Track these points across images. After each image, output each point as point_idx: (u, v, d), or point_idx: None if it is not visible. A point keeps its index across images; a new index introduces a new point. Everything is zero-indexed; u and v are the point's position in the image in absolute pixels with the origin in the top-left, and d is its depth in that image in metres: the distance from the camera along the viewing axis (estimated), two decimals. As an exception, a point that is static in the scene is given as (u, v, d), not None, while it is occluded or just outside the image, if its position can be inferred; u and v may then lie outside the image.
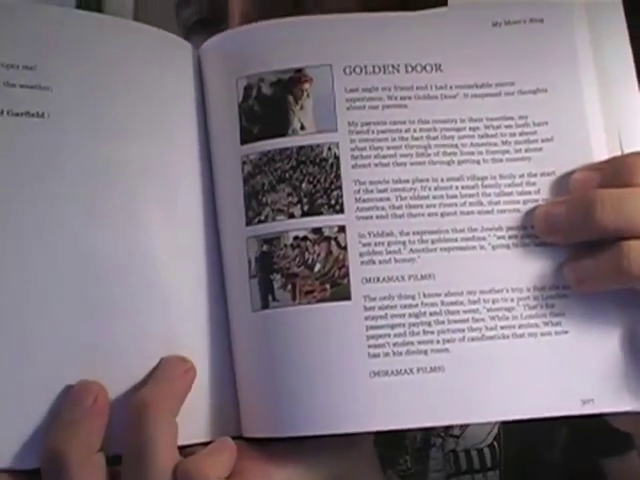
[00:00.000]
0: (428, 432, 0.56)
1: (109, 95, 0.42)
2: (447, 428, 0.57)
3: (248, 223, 0.41)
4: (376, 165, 0.41)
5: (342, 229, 0.41)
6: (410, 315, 0.40)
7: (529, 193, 0.41)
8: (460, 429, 0.57)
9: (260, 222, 0.41)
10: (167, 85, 0.44)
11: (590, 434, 0.54)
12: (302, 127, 0.41)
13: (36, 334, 0.38)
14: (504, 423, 0.56)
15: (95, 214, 0.40)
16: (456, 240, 0.41)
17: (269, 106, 0.42)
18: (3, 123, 0.40)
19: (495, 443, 0.57)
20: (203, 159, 0.44)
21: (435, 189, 0.41)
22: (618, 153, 0.42)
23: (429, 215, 0.41)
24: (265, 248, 0.41)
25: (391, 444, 0.56)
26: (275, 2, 0.50)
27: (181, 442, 0.39)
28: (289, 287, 0.40)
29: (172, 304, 0.41)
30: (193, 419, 0.40)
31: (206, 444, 0.40)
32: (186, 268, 0.42)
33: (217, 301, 0.43)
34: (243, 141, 0.42)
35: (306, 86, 0.42)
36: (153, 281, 0.41)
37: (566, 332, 0.40)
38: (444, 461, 0.57)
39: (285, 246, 0.41)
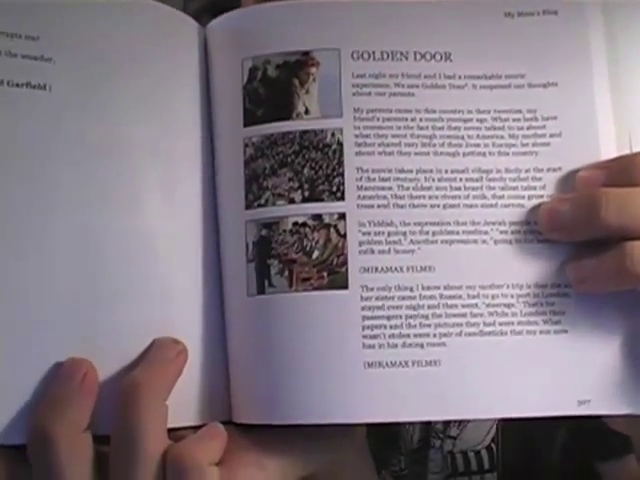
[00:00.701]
0: (426, 433, 0.56)
1: (112, 71, 0.41)
2: (445, 429, 0.57)
3: (248, 207, 0.41)
4: (380, 153, 0.40)
5: (342, 217, 0.40)
6: (407, 307, 0.39)
7: (534, 188, 0.41)
8: (458, 429, 0.57)
9: (260, 206, 0.41)
10: (172, 63, 0.43)
11: (588, 437, 0.54)
12: (307, 111, 0.41)
13: (27, 311, 0.38)
14: (502, 421, 0.56)
15: (93, 192, 0.40)
16: (458, 233, 0.40)
17: (274, 88, 0.41)
18: (4, 93, 0.39)
19: (493, 445, 0.56)
20: (205, 140, 0.43)
21: (439, 180, 0.40)
22: (627, 152, 0.41)
23: (431, 206, 0.40)
24: (264, 233, 0.40)
25: (385, 444, 0.56)
26: None
27: (170, 425, 0.38)
28: (286, 273, 0.40)
29: (167, 285, 0.41)
30: (183, 402, 0.40)
31: (195, 427, 0.40)
32: (183, 250, 0.42)
33: (213, 284, 0.42)
34: (246, 123, 0.41)
35: (312, 70, 0.41)
36: (149, 262, 0.40)
37: (565, 331, 0.40)
38: (443, 462, 0.56)
39: (284, 231, 0.40)
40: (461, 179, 0.41)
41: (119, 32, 0.42)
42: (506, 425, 0.56)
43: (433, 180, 0.40)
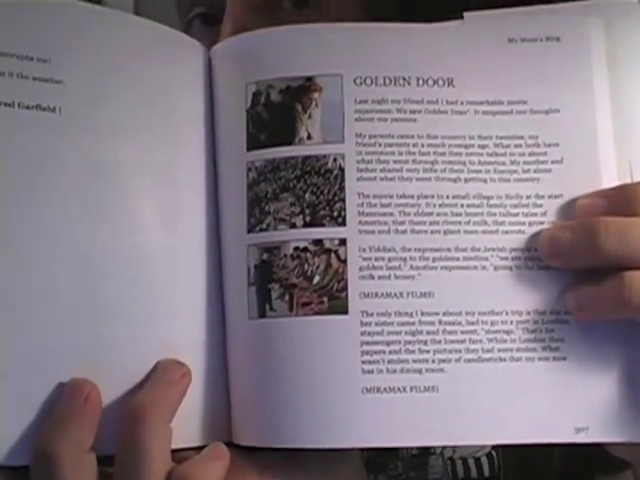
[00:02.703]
0: None
1: (119, 93, 0.42)
2: None
3: (250, 230, 0.41)
4: (381, 179, 0.41)
5: (343, 242, 0.40)
6: (407, 333, 0.40)
7: (535, 215, 0.41)
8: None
9: (262, 230, 0.41)
10: (177, 86, 0.43)
11: (588, 450, 0.54)
12: (309, 136, 0.41)
13: (32, 332, 0.38)
14: None
15: (99, 214, 0.40)
16: (458, 259, 0.40)
17: (277, 113, 0.42)
18: (14, 116, 0.39)
19: (493, 452, 0.56)
20: (209, 163, 0.43)
21: (440, 206, 0.41)
22: (628, 179, 0.41)
23: (432, 232, 0.40)
24: (265, 257, 0.41)
25: (381, 449, 0.56)
26: (273, 7, 0.50)
27: (173, 446, 0.39)
28: (287, 297, 0.40)
29: (170, 307, 0.41)
30: (185, 423, 0.40)
31: (196, 449, 0.40)
32: (186, 272, 0.42)
33: (215, 307, 0.43)
34: (249, 147, 0.42)
35: (315, 95, 0.41)
36: (152, 284, 0.41)
37: (564, 358, 0.40)
38: (443, 469, 0.56)
39: (285, 256, 0.40)
40: (462, 205, 0.41)
41: (126, 55, 0.42)
42: None
43: (434, 206, 0.41)
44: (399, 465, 0.56)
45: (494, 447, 0.57)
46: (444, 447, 0.56)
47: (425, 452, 0.56)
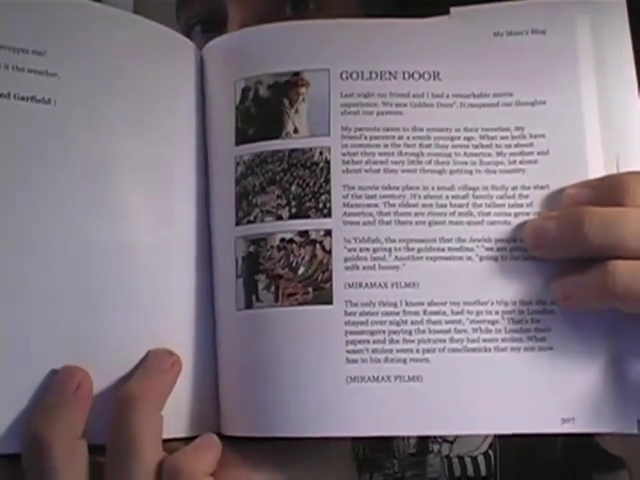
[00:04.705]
0: (425, 438, 0.56)
1: (112, 88, 0.42)
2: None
3: (237, 223, 0.42)
4: (366, 171, 0.41)
5: (328, 233, 0.41)
6: (391, 323, 0.40)
7: (521, 206, 0.41)
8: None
9: (249, 222, 0.41)
10: (169, 83, 0.44)
11: (586, 448, 0.53)
12: (295, 130, 0.42)
13: (24, 320, 0.39)
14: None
15: (91, 205, 0.41)
16: (443, 250, 0.41)
17: (265, 108, 0.42)
18: (9, 106, 0.40)
19: (490, 452, 0.56)
20: (200, 158, 0.44)
21: (425, 197, 0.41)
22: (614, 171, 0.41)
23: (417, 223, 0.41)
24: (252, 249, 0.41)
25: (377, 447, 0.56)
26: (274, 11, 0.51)
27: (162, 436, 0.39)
28: (272, 288, 0.41)
29: (161, 299, 0.42)
30: (173, 413, 0.40)
31: (184, 439, 0.40)
32: (177, 265, 0.43)
33: (205, 298, 0.43)
34: (238, 142, 0.42)
35: (302, 90, 0.42)
36: (144, 276, 0.41)
37: (550, 348, 0.40)
38: (441, 467, 0.56)
39: (271, 247, 0.41)
40: (447, 196, 0.41)
41: (120, 50, 0.43)
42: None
43: (419, 197, 0.41)
44: (395, 464, 0.56)
45: (491, 446, 0.56)
46: (441, 445, 0.56)
47: (422, 451, 0.56)
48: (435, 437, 0.56)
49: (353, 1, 0.54)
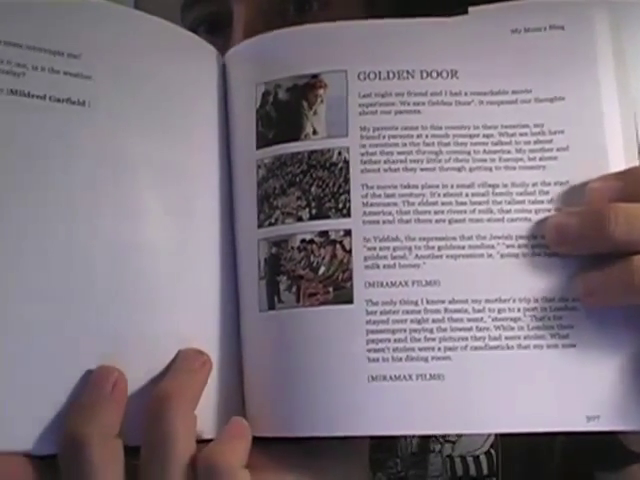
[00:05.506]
0: (426, 437, 0.56)
1: (141, 90, 0.43)
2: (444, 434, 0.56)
3: (260, 225, 0.42)
4: (385, 170, 0.41)
5: (348, 233, 0.41)
6: (412, 321, 0.40)
7: (542, 202, 0.41)
8: (456, 434, 0.56)
9: (270, 225, 0.42)
10: (193, 88, 0.45)
11: (588, 446, 0.53)
12: (314, 132, 0.42)
13: (58, 321, 0.39)
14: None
15: (123, 207, 0.41)
16: (463, 247, 0.40)
17: (284, 111, 0.43)
18: (46, 108, 0.41)
19: (492, 451, 0.55)
20: (223, 162, 0.45)
21: (444, 195, 0.41)
22: (635, 165, 0.40)
23: (437, 221, 0.41)
24: (274, 250, 0.42)
25: (380, 447, 0.56)
26: (279, 11, 0.52)
27: None
28: (294, 289, 0.41)
29: (188, 301, 0.42)
30: (203, 415, 0.41)
31: (209, 441, 0.41)
32: (202, 266, 0.43)
33: (230, 300, 0.44)
34: (258, 146, 0.43)
35: (320, 92, 0.42)
36: (172, 277, 0.42)
37: (573, 345, 0.39)
38: (442, 467, 0.56)
39: (292, 248, 0.41)
40: (467, 194, 0.41)
41: (149, 56, 0.44)
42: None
43: (439, 195, 0.41)
44: (398, 463, 0.56)
45: (493, 445, 0.56)
46: (443, 445, 0.56)
47: (424, 450, 0.56)
48: (436, 437, 0.56)
49: (357, 1, 0.54)
